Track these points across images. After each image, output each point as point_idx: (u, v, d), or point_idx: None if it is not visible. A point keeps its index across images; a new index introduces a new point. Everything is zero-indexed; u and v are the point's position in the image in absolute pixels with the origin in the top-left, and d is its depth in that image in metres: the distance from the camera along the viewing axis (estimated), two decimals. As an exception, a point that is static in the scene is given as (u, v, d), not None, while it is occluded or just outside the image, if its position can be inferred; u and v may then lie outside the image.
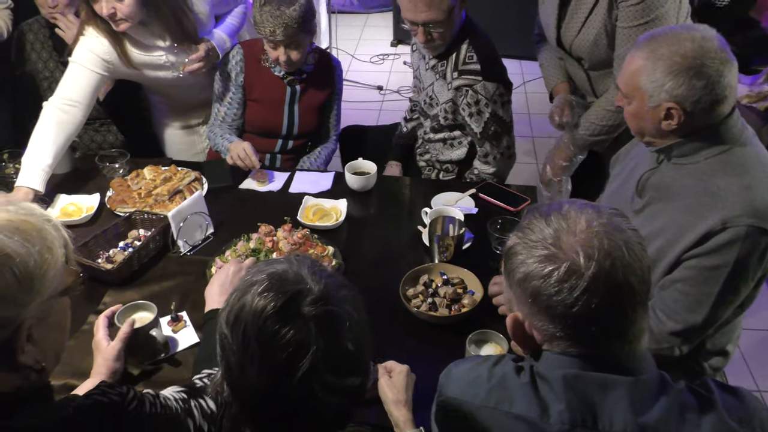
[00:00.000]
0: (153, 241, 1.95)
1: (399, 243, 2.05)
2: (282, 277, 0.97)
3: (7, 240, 0.90)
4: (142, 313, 1.66)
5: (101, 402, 0.99)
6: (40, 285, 0.93)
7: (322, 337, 0.92)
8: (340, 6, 5.85)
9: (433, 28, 2.16)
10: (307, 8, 2.21)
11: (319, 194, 2.23)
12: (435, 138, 2.46)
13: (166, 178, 2.24)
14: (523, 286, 1.00)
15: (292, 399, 0.94)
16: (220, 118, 2.48)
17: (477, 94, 2.23)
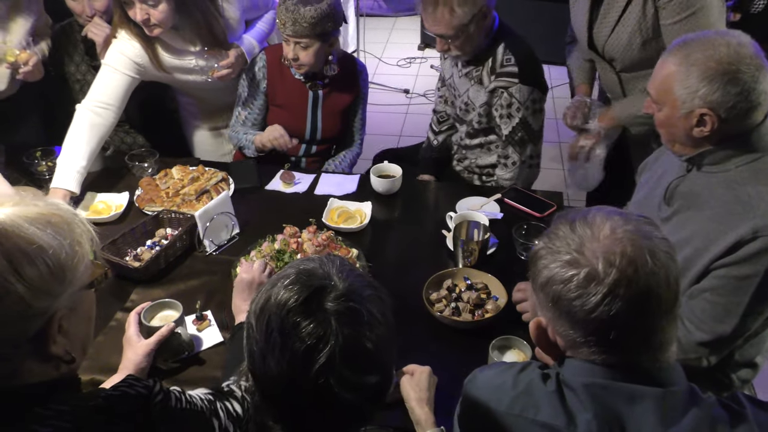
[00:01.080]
0: (180, 240, 1.97)
1: (423, 247, 2.05)
2: (310, 273, 1.00)
3: (40, 232, 0.92)
4: (167, 312, 1.68)
5: (129, 394, 1.01)
6: (72, 276, 0.96)
7: (342, 333, 0.94)
8: (368, 9, 5.87)
9: (450, 42, 2.16)
10: (326, 15, 2.21)
11: (344, 196, 2.24)
12: (472, 143, 2.44)
13: (193, 178, 2.27)
14: (545, 291, 1.00)
15: (310, 391, 0.95)
16: (241, 120, 2.51)
17: (511, 97, 2.21)
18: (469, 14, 2.08)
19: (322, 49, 2.30)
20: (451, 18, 2.08)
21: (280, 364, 0.95)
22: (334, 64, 2.42)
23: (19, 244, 0.90)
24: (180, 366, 1.62)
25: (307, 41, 2.25)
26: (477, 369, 1.18)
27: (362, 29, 5.27)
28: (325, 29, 2.24)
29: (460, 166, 2.52)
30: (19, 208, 0.95)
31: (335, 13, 2.26)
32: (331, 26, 2.26)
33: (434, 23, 2.12)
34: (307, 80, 2.42)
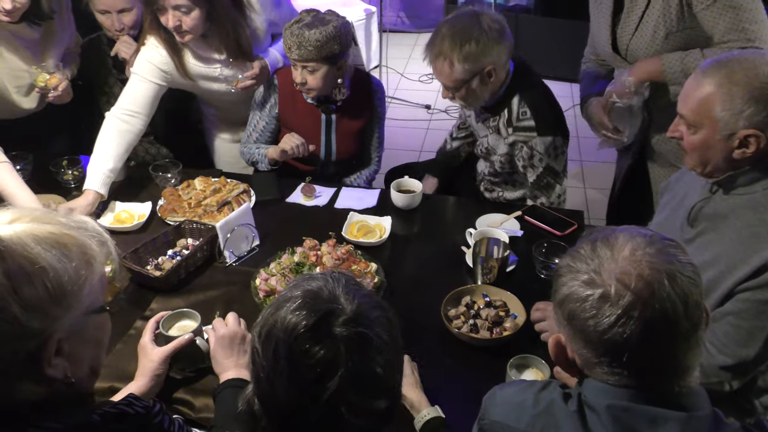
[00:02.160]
0: (200, 250, 1.99)
1: (442, 262, 2.04)
2: (316, 295, 0.98)
3: (45, 253, 0.91)
4: (185, 321, 1.69)
5: (126, 412, 0.99)
6: (73, 300, 0.94)
7: (351, 359, 0.93)
8: (391, 25, 5.92)
9: (453, 92, 2.14)
10: (331, 37, 2.19)
11: (364, 211, 2.25)
12: (496, 180, 2.44)
13: (215, 189, 2.29)
14: (562, 308, 1.01)
15: (319, 418, 0.95)
16: (253, 139, 2.52)
17: (532, 150, 2.17)
18: (469, 72, 2.05)
19: (331, 73, 2.28)
20: (451, 72, 2.06)
21: (289, 390, 0.94)
22: (345, 88, 2.38)
23: (22, 263, 0.89)
24: (196, 375, 1.62)
25: (314, 65, 2.23)
26: (497, 386, 1.18)
27: (385, 45, 5.31)
28: (331, 52, 2.22)
29: (488, 194, 2.52)
30: (30, 225, 0.94)
31: (342, 36, 2.23)
32: (338, 49, 2.24)
33: (436, 72, 2.12)
34: (319, 104, 2.42)
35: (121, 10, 2.39)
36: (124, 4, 2.38)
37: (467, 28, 2.04)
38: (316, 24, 2.19)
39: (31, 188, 2.25)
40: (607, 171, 2.54)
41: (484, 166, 2.48)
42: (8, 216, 0.93)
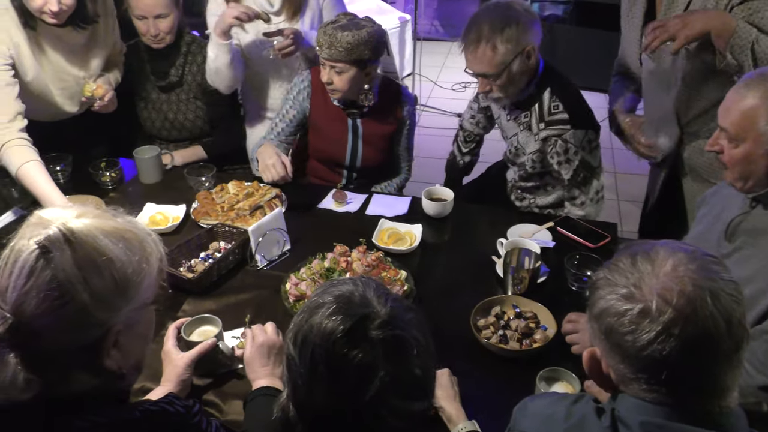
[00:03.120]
0: (232, 253, 2.01)
1: (472, 272, 2.03)
2: (349, 300, 0.99)
3: (112, 246, 0.96)
4: (207, 327, 1.69)
5: (167, 410, 1.01)
6: (135, 292, 0.98)
7: (390, 362, 0.93)
8: (425, 33, 5.92)
9: (492, 81, 2.13)
10: (363, 42, 2.20)
11: (394, 218, 2.25)
12: (527, 186, 2.43)
13: (248, 193, 2.31)
14: (599, 321, 0.99)
15: (359, 422, 0.94)
16: (276, 132, 2.51)
17: (566, 143, 2.17)
18: (512, 52, 2.05)
19: (358, 77, 2.29)
20: (494, 55, 2.05)
21: (328, 396, 0.94)
22: (372, 95, 2.38)
23: (92, 254, 0.93)
24: (218, 380, 1.63)
25: (342, 66, 2.24)
26: (527, 397, 1.16)
27: (419, 53, 5.32)
28: (361, 56, 2.23)
29: (519, 203, 2.50)
30: (97, 220, 0.98)
31: (375, 42, 2.24)
32: (369, 54, 2.24)
33: (476, 61, 2.10)
34: (345, 108, 2.43)
35: (158, 15, 2.44)
36: (161, 9, 2.43)
37: (504, 12, 2.07)
38: (350, 27, 2.21)
39: (69, 189, 2.32)
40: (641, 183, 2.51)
41: (513, 174, 2.47)
42: (75, 212, 0.98)
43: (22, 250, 0.93)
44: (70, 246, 0.92)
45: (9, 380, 0.91)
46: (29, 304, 0.91)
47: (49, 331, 0.92)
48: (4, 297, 0.92)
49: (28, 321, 0.91)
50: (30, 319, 0.91)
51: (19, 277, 0.91)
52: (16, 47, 2.21)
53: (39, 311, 0.91)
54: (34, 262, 0.91)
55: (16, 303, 0.91)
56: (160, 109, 2.67)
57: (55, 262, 0.91)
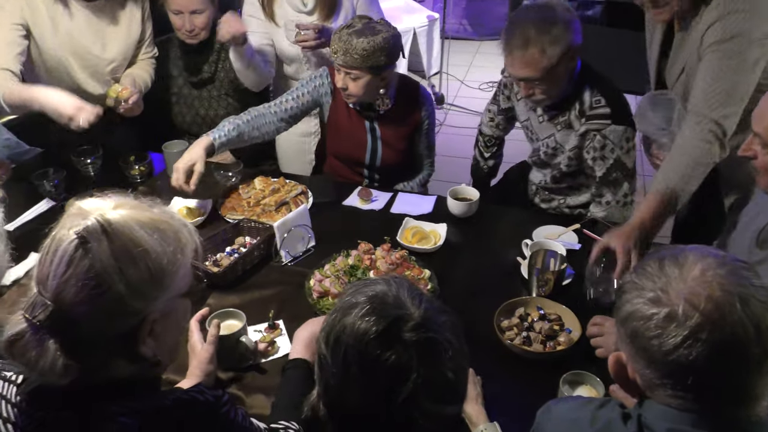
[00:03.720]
0: (257, 249, 2.02)
1: (496, 272, 2.02)
2: (383, 301, 0.99)
3: (147, 237, 0.98)
4: (230, 321, 1.71)
5: (197, 399, 1.03)
6: (170, 282, 1.00)
7: (423, 364, 0.93)
8: (454, 32, 5.90)
9: (534, 85, 2.10)
10: (379, 48, 2.17)
11: (419, 216, 2.24)
12: (559, 187, 2.41)
13: (274, 189, 2.33)
14: (625, 325, 0.98)
15: (391, 423, 0.95)
16: (283, 108, 2.38)
17: (605, 139, 2.14)
18: (558, 54, 2.01)
19: (373, 83, 2.27)
20: (541, 59, 2.00)
21: (360, 397, 0.95)
22: (388, 99, 2.36)
23: (128, 245, 0.96)
24: (242, 374, 1.65)
25: (357, 73, 2.21)
26: (551, 401, 1.16)
27: (446, 52, 5.30)
28: (376, 63, 2.20)
29: (545, 204, 2.49)
30: (134, 211, 1.01)
31: (390, 48, 2.21)
32: (384, 60, 2.21)
33: (523, 66, 2.04)
34: (361, 110, 2.43)
35: (194, 11, 2.47)
36: (197, 5, 2.46)
37: (547, 13, 2.02)
38: (365, 32, 2.18)
39: (98, 181, 2.37)
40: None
41: (542, 176, 2.45)
42: (112, 203, 1.01)
43: (63, 239, 0.96)
44: (107, 237, 0.95)
45: (49, 365, 0.94)
46: (68, 292, 0.94)
47: (87, 318, 0.95)
48: (45, 284, 0.95)
49: (67, 308, 0.94)
50: (69, 306, 0.94)
51: (59, 266, 0.94)
52: (33, 9, 2.26)
53: (77, 299, 0.93)
54: (73, 252, 0.94)
55: (56, 291, 0.94)
56: (192, 105, 2.70)
57: (93, 253, 0.94)
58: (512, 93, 2.44)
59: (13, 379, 1.04)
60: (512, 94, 2.44)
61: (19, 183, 2.37)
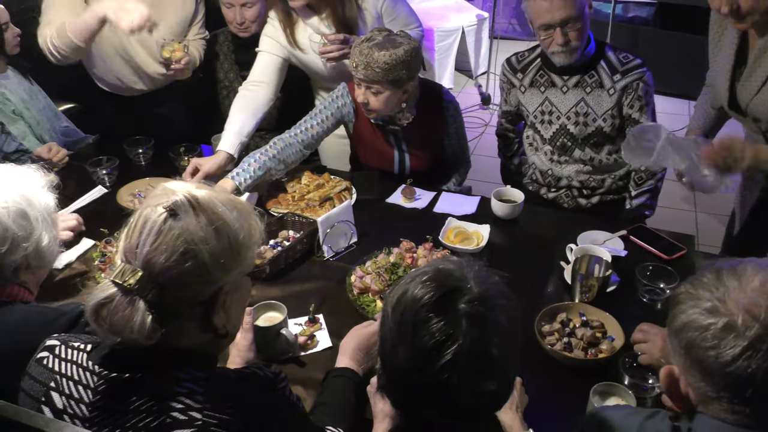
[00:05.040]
0: (300, 243, 2.05)
1: (538, 276, 2.00)
2: (447, 274, 1.04)
3: (227, 212, 1.08)
4: (271, 313, 1.73)
5: (258, 374, 1.11)
6: (244, 257, 1.10)
7: (470, 335, 0.97)
8: (503, 32, 5.85)
9: (570, 28, 2.16)
10: (400, 62, 2.14)
11: (462, 217, 2.23)
12: (601, 164, 2.42)
13: (319, 184, 2.35)
14: (679, 336, 0.96)
15: (431, 385, 0.99)
16: (310, 134, 2.35)
17: (647, 85, 2.29)
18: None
19: (395, 97, 2.24)
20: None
21: (408, 353, 1.00)
22: (409, 114, 2.34)
23: (212, 218, 1.05)
24: (281, 366, 1.65)
25: (379, 87, 2.18)
26: (596, 408, 1.14)
27: (494, 51, 5.26)
28: (398, 77, 2.17)
29: (588, 202, 2.48)
30: (213, 192, 1.11)
31: (412, 61, 2.17)
32: (406, 74, 2.18)
33: (560, 6, 2.12)
34: (383, 124, 2.41)
35: (244, 3, 2.51)
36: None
37: None
38: (386, 45, 2.14)
39: (149, 171, 2.43)
40: (720, 195, 2.40)
41: (570, 171, 2.45)
42: (193, 185, 1.10)
43: (150, 215, 1.04)
44: (194, 210, 1.05)
45: (138, 326, 1.01)
46: (158, 259, 1.02)
47: (173, 284, 1.03)
48: (134, 254, 1.03)
49: (156, 274, 1.02)
50: (158, 272, 1.02)
51: (149, 236, 1.02)
52: None
53: (166, 266, 1.02)
54: (162, 223, 1.03)
55: (146, 258, 1.02)
56: None
57: (182, 223, 1.03)
58: (515, 87, 2.48)
59: (82, 347, 1.12)
60: (515, 89, 2.48)
61: (74, 170, 2.45)
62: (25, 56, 2.62)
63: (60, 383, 1.09)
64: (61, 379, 1.09)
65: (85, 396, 1.06)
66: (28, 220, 1.37)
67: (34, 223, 1.38)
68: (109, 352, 1.09)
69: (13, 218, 1.34)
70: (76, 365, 1.10)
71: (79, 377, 1.08)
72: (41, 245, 1.40)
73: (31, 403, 1.10)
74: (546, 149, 2.49)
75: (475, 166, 2.91)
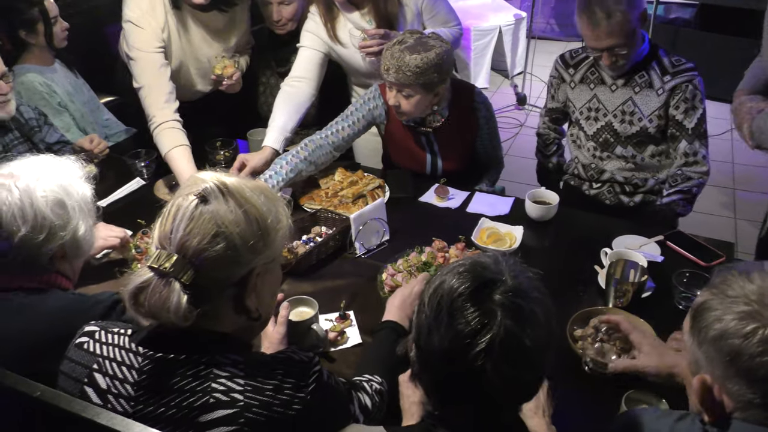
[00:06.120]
0: (333, 239, 2.06)
1: (571, 279, 1.97)
2: (483, 266, 1.07)
3: (256, 197, 1.13)
4: (303, 308, 1.74)
5: (293, 358, 1.15)
6: (272, 241, 1.14)
7: (504, 325, 0.99)
8: (540, 32, 5.80)
9: (617, 52, 2.18)
10: (432, 65, 2.13)
11: (495, 217, 2.22)
12: (643, 163, 2.40)
13: (352, 181, 2.36)
14: (717, 345, 0.93)
15: (465, 373, 1.01)
16: (341, 136, 2.36)
17: (695, 89, 2.26)
18: (637, 17, 2.13)
19: (426, 100, 2.24)
20: (625, 22, 2.11)
21: (444, 340, 1.02)
22: (440, 116, 2.34)
23: (241, 202, 1.10)
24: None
25: (410, 90, 2.18)
26: (626, 411, 1.13)
27: (531, 51, 5.21)
28: (430, 80, 2.17)
29: (631, 200, 2.46)
30: (241, 179, 1.15)
31: (444, 64, 2.17)
32: (437, 78, 2.18)
33: (608, 35, 2.14)
34: (416, 126, 2.40)
35: (282, 1, 2.53)
36: None
37: None
38: (418, 48, 2.14)
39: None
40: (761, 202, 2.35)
41: (613, 167, 2.43)
42: (223, 174, 1.16)
43: (182, 203, 1.09)
44: (223, 195, 1.10)
45: (174, 307, 1.05)
46: (191, 243, 1.06)
47: (206, 266, 1.07)
48: (169, 239, 1.08)
49: (190, 257, 1.06)
50: (192, 255, 1.06)
51: (182, 222, 1.07)
52: (167, 29, 2.37)
53: (200, 248, 1.06)
54: (194, 209, 1.08)
55: (180, 243, 1.07)
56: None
57: (212, 208, 1.08)
58: (565, 83, 2.48)
59: (122, 332, 1.17)
60: (564, 84, 2.48)
61: (114, 162, 2.50)
62: (71, 50, 2.68)
63: (103, 365, 1.13)
64: (103, 361, 1.14)
65: (129, 376, 1.11)
66: (65, 210, 1.40)
67: (71, 213, 1.41)
68: (149, 334, 1.14)
69: (50, 207, 1.37)
70: (118, 347, 1.14)
71: (122, 358, 1.13)
72: (78, 234, 1.43)
73: (73, 384, 1.14)
74: (589, 145, 2.48)
75: (509, 167, 2.89)
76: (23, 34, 2.52)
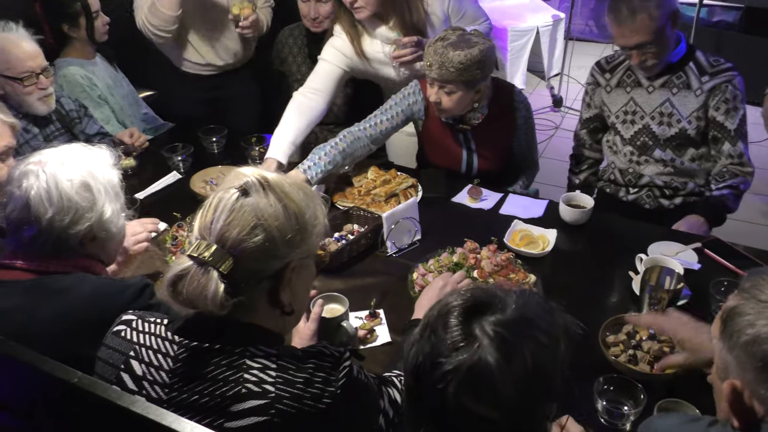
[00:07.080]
0: (365, 237, 2.06)
1: (605, 285, 1.95)
2: (489, 291, 1.02)
3: (294, 192, 1.16)
4: (333, 305, 1.74)
5: (324, 352, 1.16)
6: (308, 236, 1.16)
7: (480, 354, 0.93)
8: (579, 33, 5.72)
9: (646, 50, 2.18)
10: (475, 62, 2.12)
11: (529, 220, 2.20)
12: (683, 166, 2.36)
13: (385, 180, 2.36)
14: (749, 350, 0.92)
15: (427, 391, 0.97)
16: (379, 129, 2.35)
17: (735, 89, 2.24)
18: (665, 15, 2.12)
19: (467, 97, 2.22)
20: (651, 22, 2.11)
21: (419, 354, 0.99)
22: (480, 114, 2.32)
23: (281, 196, 1.13)
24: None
25: (452, 87, 2.17)
26: (655, 416, 1.11)
27: (569, 53, 5.15)
28: (472, 77, 2.15)
29: (671, 203, 2.44)
30: (280, 175, 1.18)
31: (486, 61, 2.16)
32: (479, 74, 2.16)
33: (633, 32, 2.14)
34: (453, 123, 2.38)
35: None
36: None
37: None
38: (461, 45, 2.13)
39: (221, 159, 2.49)
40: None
41: (651, 171, 2.40)
42: (263, 170, 1.18)
43: (224, 195, 1.11)
44: (264, 190, 1.12)
45: (212, 294, 1.07)
46: (231, 233, 1.08)
47: (244, 257, 1.09)
48: (209, 229, 1.10)
49: (229, 247, 1.09)
50: (231, 245, 1.09)
51: (223, 213, 1.09)
52: None
53: (239, 239, 1.08)
54: (235, 201, 1.10)
55: (220, 233, 1.09)
56: None
57: (252, 201, 1.11)
58: (600, 87, 2.45)
59: (159, 321, 1.20)
60: (600, 89, 2.46)
61: (152, 155, 2.54)
62: (111, 44, 2.73)
63: (139, 352, 1.16)
64: (140, 348, 1.17)
65: (164, 364, 1.13)
66: (91, 192, 1.44)
67: (97, 195, 1.45)
68: (185, 324, 1.16)
69: (76, 190, 1.41)
70: (154, 336, 1.17)
71: (158, 346, 1.15)
72: (104, 217, 1.46)
73: (111, 370, 1.17)
74: (626, 150, 2.44)
75: (544, 169, 2.86)
76: (66, 27, 2.58)
